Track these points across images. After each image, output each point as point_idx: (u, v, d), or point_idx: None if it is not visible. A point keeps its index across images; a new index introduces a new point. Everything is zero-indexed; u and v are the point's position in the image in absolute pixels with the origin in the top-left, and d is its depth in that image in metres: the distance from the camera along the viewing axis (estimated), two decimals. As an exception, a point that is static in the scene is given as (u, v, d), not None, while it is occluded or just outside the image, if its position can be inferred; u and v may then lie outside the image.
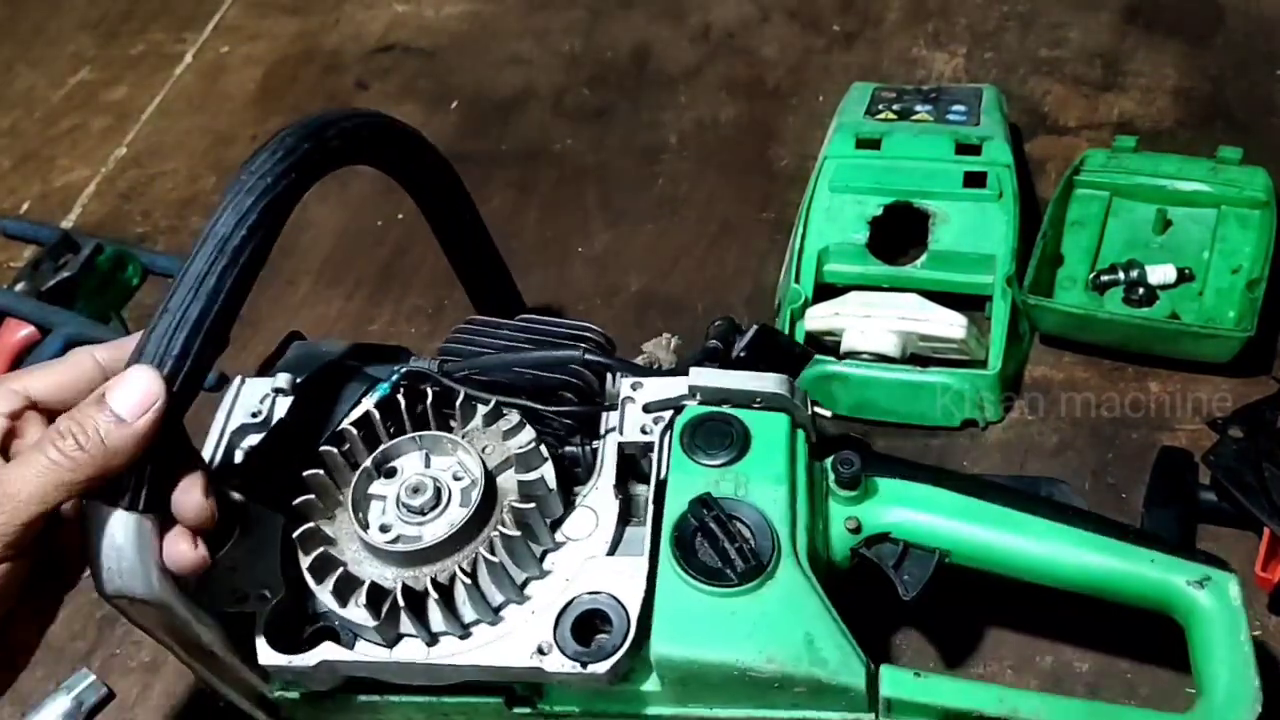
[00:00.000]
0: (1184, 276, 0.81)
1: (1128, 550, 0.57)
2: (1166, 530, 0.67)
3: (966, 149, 0.85)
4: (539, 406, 0.58)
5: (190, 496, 0.48)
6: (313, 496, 0.54)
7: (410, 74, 1.15)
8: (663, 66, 1.11)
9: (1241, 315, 0.76)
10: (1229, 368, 0.77)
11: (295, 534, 0.52)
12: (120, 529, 0.45)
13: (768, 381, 0.58)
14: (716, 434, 0.57)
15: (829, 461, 0.59)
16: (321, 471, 0.54)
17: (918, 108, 0.90)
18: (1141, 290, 0.78)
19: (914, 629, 0.68)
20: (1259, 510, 0.61)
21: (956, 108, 0.89)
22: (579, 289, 0.92)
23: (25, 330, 0.92)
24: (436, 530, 0.53)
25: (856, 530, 0.59)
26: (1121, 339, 0.78)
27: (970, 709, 0.52)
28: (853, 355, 0.77)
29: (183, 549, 0.47)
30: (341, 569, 0.51)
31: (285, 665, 0.52)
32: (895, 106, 0.91)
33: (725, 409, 0.58)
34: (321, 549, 0.52)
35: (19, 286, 0.96)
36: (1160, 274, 0.80)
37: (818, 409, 0.61)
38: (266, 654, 0.52)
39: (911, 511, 0.59)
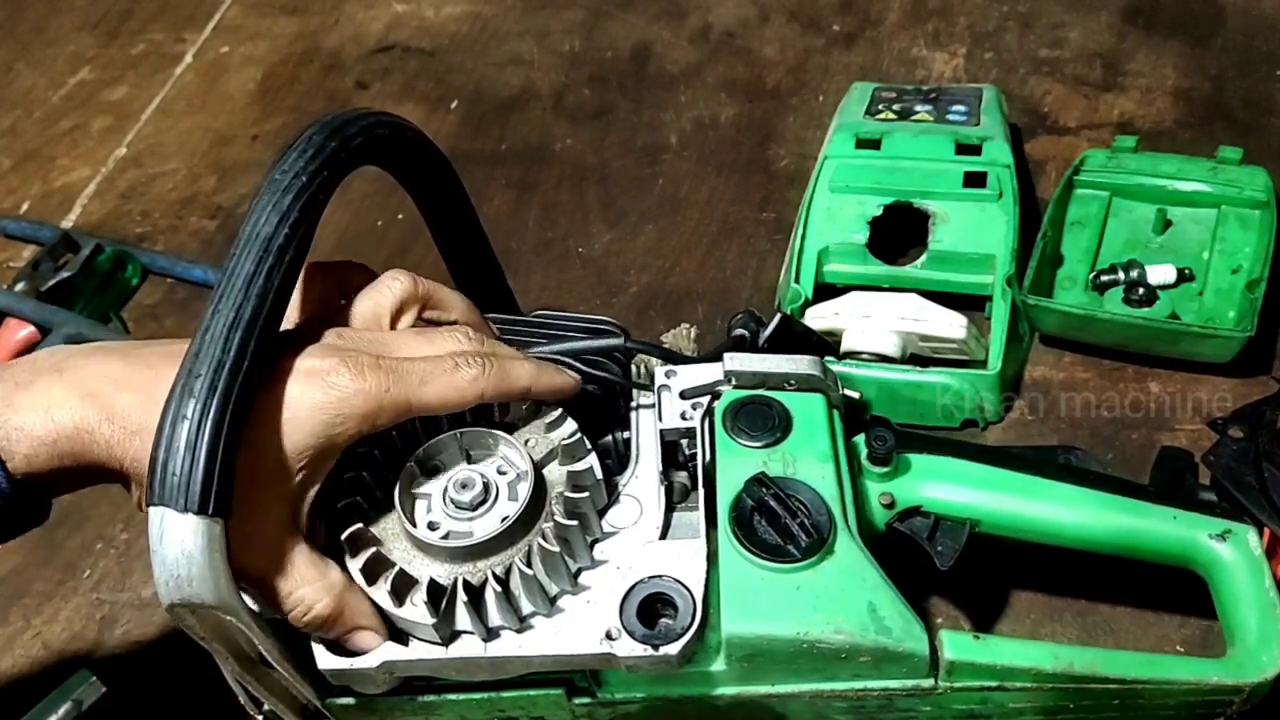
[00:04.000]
0: (1184, 276, 0.81)
1: (1149, 509, 0.60)
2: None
3: (966, 149, 0.85)
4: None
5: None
6: (356, 499, 0.53)
7: (410, 74, 1.15)
8: (663, 66, 1.11)
9: (1241, 315, 0.76)
10: (1229, 368, 0.77)
11: (343, 537, 0.52)
12: (190, 534, 0.44)
13: (801, 363, 0.59)
14: (758, 416, 0.58)
15: (861, 438, 0.60)
16: (364, 473, 0.54)
17: (918, 108, 0.90)
18: (1141, 290, 0.78)
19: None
20: (1259, 510, 0.61)
21: (956, 108, 0.89)
22: (579, 289, 0.92)
23: (25, 330, 0.92)
24: (488, 525, 0.53)
25: (890, 505, 0.60)
26: (1121, 339, 0.78)
27: (1029, 666, 0.53)
28: (853, 355, 0.77)
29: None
30: (396, 569, 0.51)
31: (346, 669, 0.51)
32: (895, 106, 0.91)
33: (762, 392, 0.59)
34: (373, 550, 0.52)
35: (19, 286, 0.96)
36: (1160, 274, 0.80)
37: (847, 391, 0.62)
38: (326, 659, 0.51)
39: (941, 484, 0.61)
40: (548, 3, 1.21)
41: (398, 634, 0.52)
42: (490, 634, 0.52)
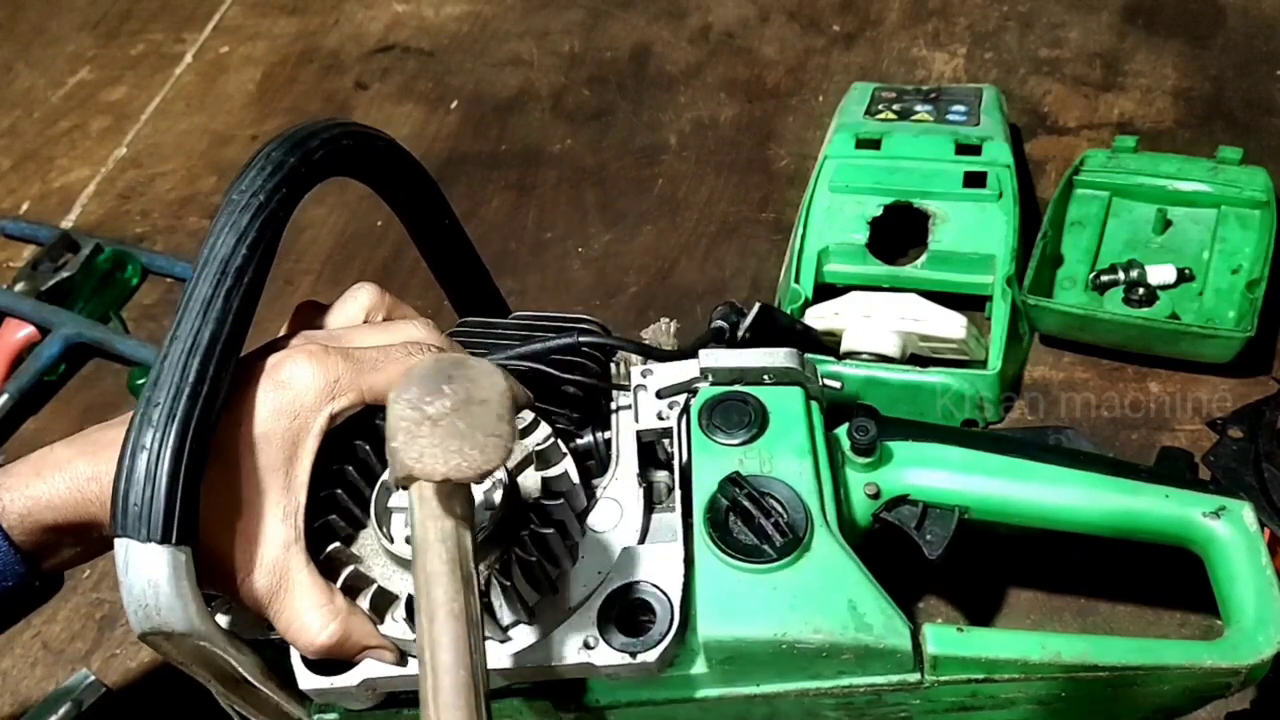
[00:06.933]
0: (1184, 276, 0.81)
1: (1142, 488, 0.58)
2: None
3: (966, 149, 0.85)
4: (551, 408, 0.57)
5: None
6: (333, 516, 0.53)
7: (410, 74, 1.15)
8: (663, 66, 1.11)
9: (1241, 315, 0.76)
10: (1229, 368, 0.77)
11: (321, 555, 0.51)
12: (155, 563, 0.44)
13: (777, 356, 0.58)
14: (734, 413, 0.57)
15: (842, 430, 0.59)
16: (339, 490, 0.53)
17: (918, 108, 0.90)
18: (1141, 290, 0.78)
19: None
20: (1259, 511, 0.62)
21: (956, 108, 0.89)
22: (578, 290, 0.92)
23: (25, 330, 0.92)
24: None
25: (876, 495, 0.59)
26: (1121, 339, 0.78)
27: (1015, 657, 0.53)
28: (853, 355, 0.77)
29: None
30: (374, 586, 0.51)
31: (327, 687, 0.51)
32: (895, 106, 0.91)
33: (738, 388, 0.58)
34: (351, 567, 0.51)
35: (19, 286, 0.96)
36: (1160, 274, 0.80)
37: (828, 382, 0.61)
38: (307, 678, 0.51)
39: (927, 472, 0.60)
40: (548, 3, 1.21)
41: None
42: None
